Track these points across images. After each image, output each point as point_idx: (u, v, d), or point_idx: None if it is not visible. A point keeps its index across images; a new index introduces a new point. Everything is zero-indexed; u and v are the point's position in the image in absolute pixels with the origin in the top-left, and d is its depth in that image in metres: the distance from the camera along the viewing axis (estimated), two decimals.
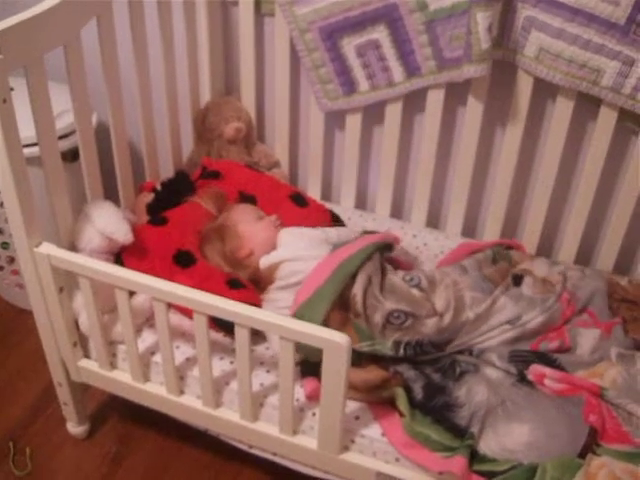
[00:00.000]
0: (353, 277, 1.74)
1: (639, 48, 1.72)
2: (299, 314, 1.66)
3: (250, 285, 1.83)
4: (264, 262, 1.85)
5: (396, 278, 1.80)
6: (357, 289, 1.72)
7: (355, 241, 1.86)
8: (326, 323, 1.64)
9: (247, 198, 2.04)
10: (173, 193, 2.01)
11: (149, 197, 2.01)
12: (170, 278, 1.69)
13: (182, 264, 1.82)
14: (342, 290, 1.71)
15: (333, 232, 1.93)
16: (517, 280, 1.86)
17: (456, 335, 1.72)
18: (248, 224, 1.91)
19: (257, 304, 1.76)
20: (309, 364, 1.66)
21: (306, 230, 1.92)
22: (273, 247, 1.89)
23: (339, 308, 1.70)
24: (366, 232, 1.97)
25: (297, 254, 1.83)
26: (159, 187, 2.04)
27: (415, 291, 1.78)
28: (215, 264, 1.85)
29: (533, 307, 1.76)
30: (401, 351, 1.66)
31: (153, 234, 1.86)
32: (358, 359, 1.62)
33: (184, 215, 1.93)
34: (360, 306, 1.70)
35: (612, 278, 1.93)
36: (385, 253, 1.87)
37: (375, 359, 1.66)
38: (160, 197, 2.00)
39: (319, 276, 1.73)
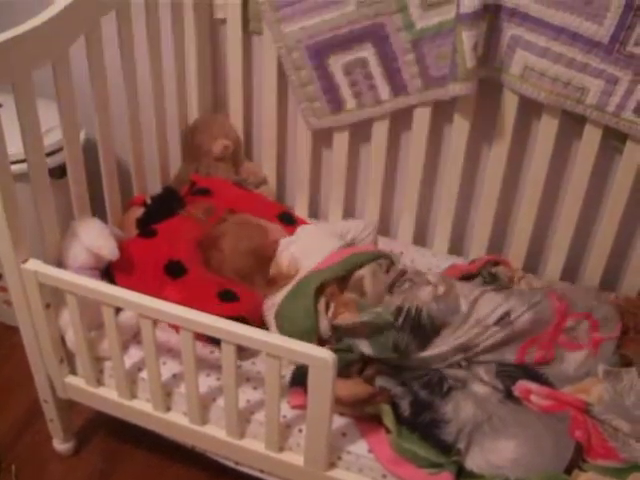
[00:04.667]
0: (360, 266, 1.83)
1: (623, 66, 1.74)
2: (294, 287, 1.78)
3: (245, 295, 1.83)
4: (283, 243, 1.94)
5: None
6: (366, 272, 1.80)
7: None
8: (321, 300, 1.76)
9: None
10: (162, 208, 2.02)
11: (139, 211, 2.02)
12: (160, 289, 1.71)
13: (173, 274, 1.83)
14: (348, 274, 1.80)
15: (343, 227, 2.05)
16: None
17: (451, 319, 1.72)
18: (264, 220, 2.00)
19: (248, 318, 1.76)
20: (297, 375, 1.66)
21: (317, 226, 2.06)
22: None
23: (343, 289, 1.77)
24: None
25: (309, 250, 1.91)
26: (149, 201, 2.04)
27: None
28: (233, 262, 1.89)
29: (522, 303, 1.74)
30: (400, 319, 1.68)
31: (142, 246, 1.87)
32: (343, 367, 1.62)
33: (173, 226, 1.94)
34: (369, 288, 1.78)
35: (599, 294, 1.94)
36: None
37: (361, 371, 1.67)
38: (150, 211, 2.01)
39: (329, 260, 1.83)
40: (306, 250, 1.90)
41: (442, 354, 1.72)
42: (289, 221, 2.09)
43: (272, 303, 1.83)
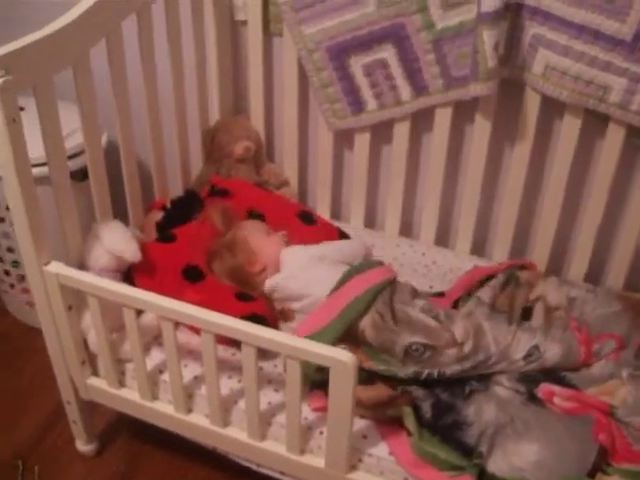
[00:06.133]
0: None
1: None
2: None
3: (260, 297, 1.85)
4: (268, 286, 1.88)
5: (412, 310, 1.78)
6: (365, 325, 1.71)
7: (366, 274, 1.83)
8: None
9: (256, 216, 2.06)
10: (183, 211, 2.02)
11: (159, 215, 2.02)
12: (179, 293, 1.71)
13: (191, 279, 1.84)
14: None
15: (333, 248, 1.97)
16: (526, 313, 1.84)
17: (479, 367, 1.69)
18: (259, 239, 1.93)
19: (267, 316, 1.78)
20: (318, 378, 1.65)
21: (302, 249, 1.94)
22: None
23: (344, 341, 1.69)
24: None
25: (291, 275, 1.87)
26: (169, 205, 2.05)
27: (432, 321, 1.75)
28: (223, 281, 1.86)
29: (547, 337, 1.73)
30: (422, 378, 1.65)
31: (162, 251, 1.87)
32: (367, 377, 1.62)
33: (192, 232, 1.94)
34: (373, 340, 1.70)
35: (622, 294, 1.92)
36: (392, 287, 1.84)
37: (384, 377, 1.66)
38: (170, 215, 2.02)
39: (325, 315, 1.73)
40: (301, 288, 1.86)
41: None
42: (308, 220, 2.10)
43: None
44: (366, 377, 1.61)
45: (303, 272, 1.87)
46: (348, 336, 1.71)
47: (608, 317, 1.82)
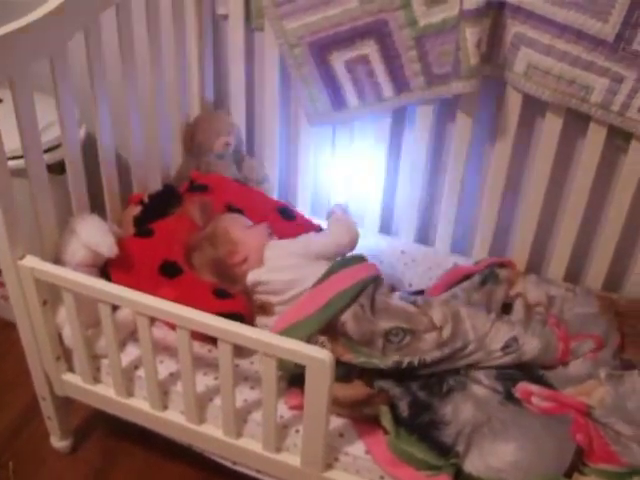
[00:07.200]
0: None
1: (628, 65, 1.72)
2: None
3: (239, 295, 1.83)
4: (250, 279, 1.85)
5: (391, 299, 1.78)
6: (347, 317, 1.70)
7: (353, 268, 1.81)
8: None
9: (235, 211, 2.03)
10: (160, 206, 2.01)
11: (136, 210, 2.00)
12: (156, 289, 1.69)
13: (168, 275, 1.82)
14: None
15: (319, 242, 1.93)
16: (506, 308, 1.85)
17: (457, 355, 1.69)
18: (240, 230, 1.91)
19: (245, 315, 1.76)
20: (296, 375, 1.64)
21: (287, 243, 1.91)
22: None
23: (324, 333, 1.68)
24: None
25: (275, 268, 1.84)
26: (146, 200, 2.03)
27: (411, 307, 1.76)
28: (203, 276, 1.84)
29: (526, 331, 1.73)
30: (403, 367, 1.65)
31: (139, 246, 1.86)
32: (344, 372, 1.61)
33: (170, 226, 1.93)
34: (354, 332, 1.69)
35: (601, 294, 1.92)
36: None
37: (361, 375, 1.65)
38: (147, 210, 2.00)
39: (308, 306, 1.71)
40: (284, 282, 1.82)
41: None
42: (288, 215, 2.08)
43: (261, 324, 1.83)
44: (344, 373, 1.60)
45: (287, 266, 1.85)
46: (329, 328, 1.69)
47: (587, 317, 1.83)
